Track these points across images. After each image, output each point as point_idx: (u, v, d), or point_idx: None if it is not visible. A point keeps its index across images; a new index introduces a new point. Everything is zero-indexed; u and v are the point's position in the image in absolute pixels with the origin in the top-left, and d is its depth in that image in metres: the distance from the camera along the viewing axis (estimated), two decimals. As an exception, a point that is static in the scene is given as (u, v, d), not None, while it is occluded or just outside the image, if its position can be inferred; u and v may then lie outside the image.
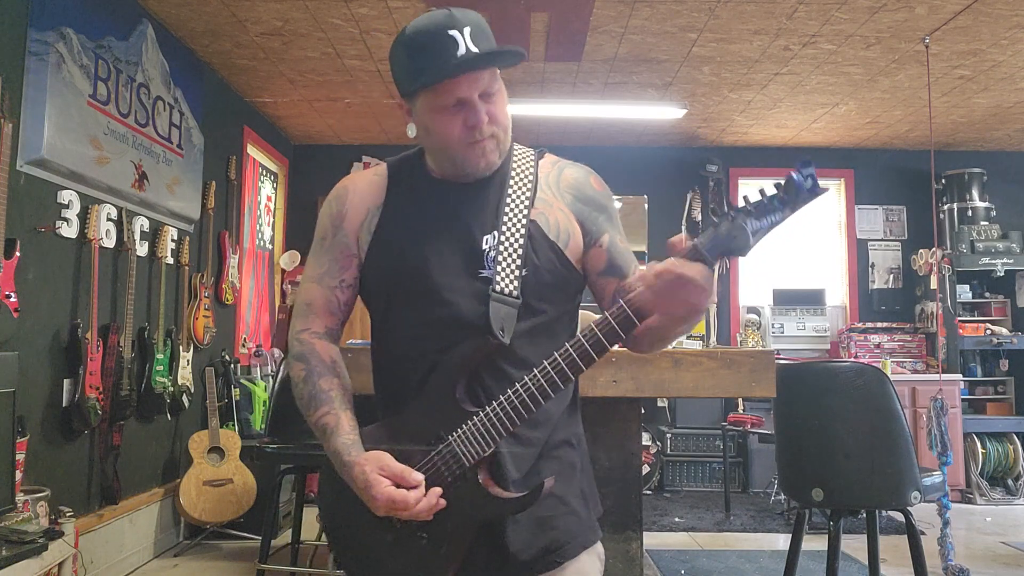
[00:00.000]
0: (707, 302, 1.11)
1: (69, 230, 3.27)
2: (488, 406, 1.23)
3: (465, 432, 1.24)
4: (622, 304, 1.17)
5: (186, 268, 4.36)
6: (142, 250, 3.85)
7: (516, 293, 1.27)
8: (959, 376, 5.72)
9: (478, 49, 1.22)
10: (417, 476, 1.22)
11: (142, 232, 3.84)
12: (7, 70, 2.91)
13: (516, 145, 1.41)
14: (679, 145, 6.50)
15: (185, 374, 4.26)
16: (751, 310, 6.40)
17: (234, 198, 5.07)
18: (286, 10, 3.90)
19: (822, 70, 4.70)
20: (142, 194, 3.77)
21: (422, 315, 1.30)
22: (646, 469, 5.74)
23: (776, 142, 6.37)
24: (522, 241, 1.29)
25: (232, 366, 4.75)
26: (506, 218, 1.31)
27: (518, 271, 1.28)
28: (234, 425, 4.60)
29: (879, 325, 6.28)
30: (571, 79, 4.96)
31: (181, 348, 4.23)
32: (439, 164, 1.36)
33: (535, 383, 1.21)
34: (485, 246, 1.30)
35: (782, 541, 4.45)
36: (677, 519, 4.97)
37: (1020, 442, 5.68)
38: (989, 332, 5.80)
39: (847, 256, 6.55)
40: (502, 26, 4.11)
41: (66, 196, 3.25)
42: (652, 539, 4.42)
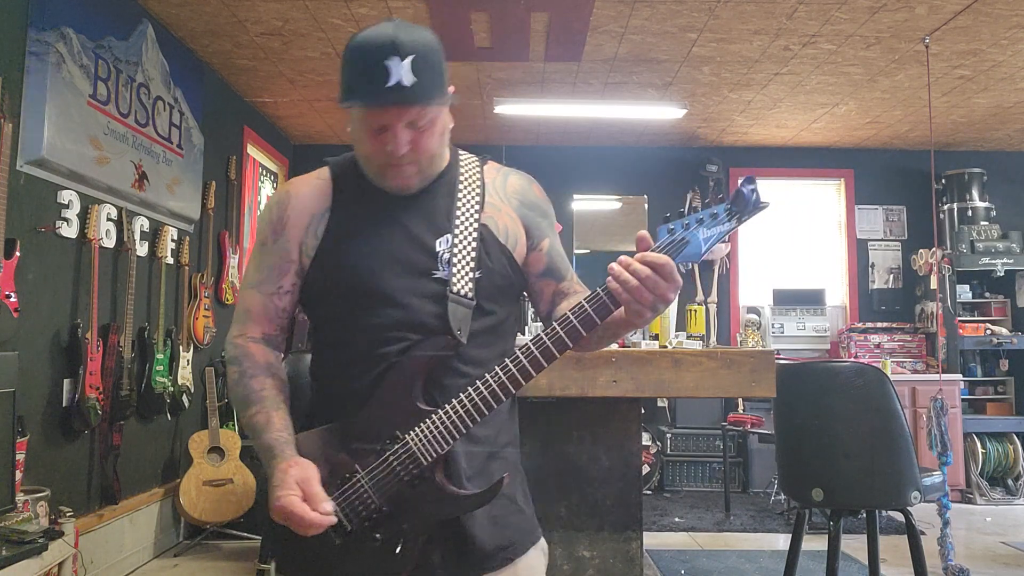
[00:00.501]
0: (674, 295, 1.18)
1: (69, 230, 3.27)
2: (445, 405, 1.24)
3: (422, 431, 1.24)
4: (598, 291, 1.20)
5: (186, 268, 4.36)
6: (142, 250, 3.85)
7: (471, 295, 1.30)
8: (959, 376, 5.72)
9: (415, 79, 1.21)
10: (327, 507, 1.21)
11: (142, 232, 3.84)
12: (7, 70, 2.91)
13: (462, 152, 1.45)
14: (679, 145, 6.50)
15: (185, 374, 4.26)
16: (751, 310, 6.40)
17: (234, 198, 5.07)
18: (286, 10, 3.90)
19: (822, 70, 4.71)
20: (142, 194, 3.78)
21: (375, 318, 1.30)
22: (646, 469, 5.74)
23: (776, 142, 6.38)
24: (475, 244, 1.33)
25: (232, 366, 4.75)
26: (458, 221, 1.34)
27: (472, 273, 1.31)
28: (234, 425, 4.59)
29: (879, 325, 6.28)
30: (571, 79, 4.96)
31: (181, 348, 4.24)
32: (367, 172, 1.36)
33: (496, 380, 1.23)
34: (439, 248, 1.32)
35: (782, 541, 4.46)
36: (677, 519, 4.97)
37: (1020, 442, 5.69)
38: (989, 332, 5.80)
39: (847, 256, 6.55)
40: (502, 26, 4.11)
41: (66, 196, 3.25)
42: (652, 539, 4.42)
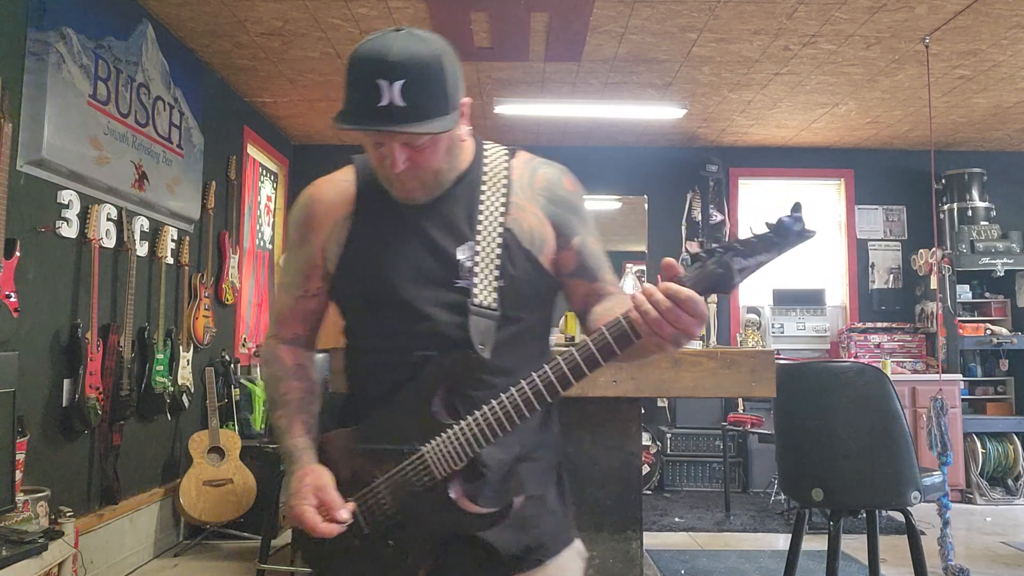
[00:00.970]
0: (699, 330, 1.11)
1: (69, 230, 3.27)
2: (461, 421, 1.22)
3: (439, 445, 1.23)
4: (620, 319, 1.14)
5: (186, 268, 4.36)
6: (142, 250, 3.85)
7: (495, 305, 1.27)
8: (959, 376, 5.72)
9: (408, 101, 1.17)
10: (343, 514, 1.24)
11: (142, 232, 3.84)
12: (7, 70, 2.91)
13: (487, 144, 1.39)
14: (679, 145, 6.50)
15: (185, 374, 4.26)
16: (751, 310, 6.40)
17: (234, 198, 5.07)
18: (286, 10, 3.90)
19: (822, 70, 4.71)
20: (142, 194, 3.78)
21: (397, 326, 1.29)
22: (646, 469, 5.74)
23: (776, 142, 6.38)
24: (499, 251, 1.28)
25: (232, 366, 4.75)
26: (480, 227, 1.30)
27: (496, 282, 1.27)
28: (234, 425, 4.60)
29: (879, 325, 6.28)
30: (571, 79, 4.95)
31: (181, 348, 4.23)
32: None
33: (512, 400, 1.19)
34: (460, 256, 1.29)
35: (782, 541, 4.46)
36: (677, 519, 4.97)
37: (1020, 442, 5.68)
38: (989, 332, 5.80)
39: (847, 256, 6.55)
40: (502, 26, 4.11)
41: (66, 196, 3.25)
42: (652, 539, 4.42)
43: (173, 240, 4.15)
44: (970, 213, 6.04)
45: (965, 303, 5.97)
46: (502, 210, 1.31)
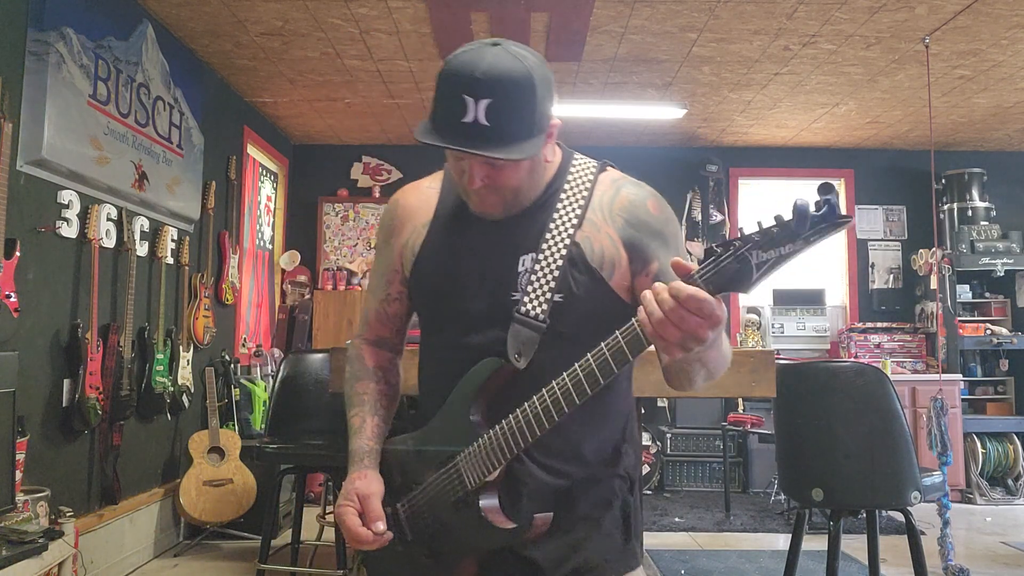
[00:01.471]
0: (710, 333, 1.00)
1: (69, 230, 3.27)
2: (490, 430, 1.21)
3: (470, 453, 1.23)
4: (632, 323, 1.06)
5: (186, 268, 4.36)
6: (142, 250, 3.85)
7: (543, 317, 1.21)
8: (959, 376, 5.72)
9: (488, 124, 1.12)
10: (379, 526, 1.26)
11: (142, 232, 3.84)
12: (7, 70, 2.91)
13: (578, 158, 1.34)
14: (679, 145, 6.50)
15: (185, 374, 4.26)
16: (751, 310, 6.39)
17: (234, 198, 5.07)
18: (286, 10, 3.90)
19: (822, 70, 4.71)
20: (142, 194, 3.78)
21: (453, 338, 1.30)
22: (646, 469, 5.74)
23: (776, 142, 6.38)
24: (560, 263, 1.23)
25: (232, 366, 4.75)
26: (549, 237, 1.25)
27: (550, 294, 1.22)
28: (234, 425, 4.60)
29: (879, 325, 6.28)
30: (571, 79, 4.96)
31: (181, 348, 4.23)
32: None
33: (534, 409, 1.16)
34: (521, 267, 1.25)
35: (782, 541, 4.45)
36: (677, 519, 4.97)
37: (1020, 442, 5.68)
38: (989, 332, 5.80)
39: (847, 256, 6.55)
40: (502, 26, 4.11)
41: (66, 196, 3.25)
42: (652, 539, 4.42)
43: (173, 240, 4.15)
44: (970, 213, 6.04)
45: (965, 303, 5.97)
46: (575, 223, 1.25)
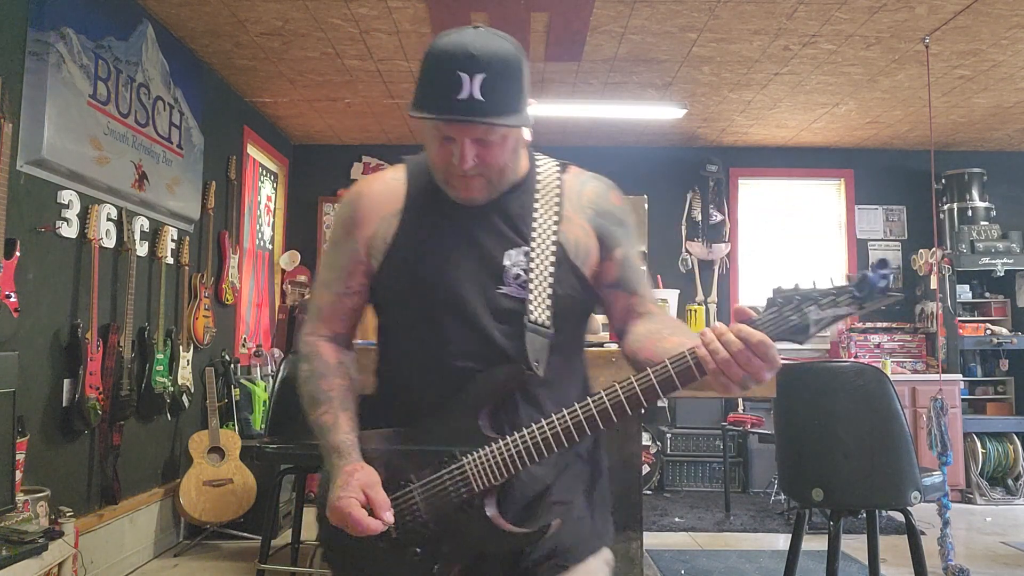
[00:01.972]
0: (770, 375, 1.09)
1: (69, 230, 3.27)
2: (509, 435, 1.21)
3: (480, 457, 1.22)
4: (685, 354, 1.12)
5: (186, 268, 4.36)
6: (142, 250, 3.85)
7: (548, 323, 1.25)
8: (959, 376, 5.71)
9: (487, 95, 1.17)
10: (388, 516, 1.23)
11: (142, 232, 3.84)
12: (7, 70, 2.91)
13: (539, 156, 1.39)
14: (679, 145, 6.50)
15: (185, 374, 4.26)
16: (751, 310, 6.38)
17: (234, 198, 5.07)
18: (286, 10, 3.90)
19: (822, 70, 4.70)
20: (142, 194, 3.77)
21: (445, 331, 1.28)
22: (646, 469, 5.74)
23: (776, 142, 6.38)
24: (552, 267, 1.27)
25: (232, 366, 4.75)
26: (535, 234, 1.29)
27: (549, 300, 1.26)
28: (234, 425, 4.60)
29: (879, 325, 6.28)
30: (571, 79, 4.95)
31: (181, 348, 4.23)
32: (437, 179, 1.33)
33: (564, 423, 1.18)
34: (507, 261, 1.28)
35: (782, 541, 4.45)
36: (677, 519, 4.97)
37: (1020, 442, 5.68)
38: (989, 332, 5.80)
39: (847, 256, 6.55)
40: (502, 26, 4.10)
41: (66, 196, 3.25)
42: (652, 539, 4.42)
43: (173, 240, 4.15)
44: (970, 213, 6.04)
45: (965, 303, 5.97)
46: (555, 219, 1.31)
